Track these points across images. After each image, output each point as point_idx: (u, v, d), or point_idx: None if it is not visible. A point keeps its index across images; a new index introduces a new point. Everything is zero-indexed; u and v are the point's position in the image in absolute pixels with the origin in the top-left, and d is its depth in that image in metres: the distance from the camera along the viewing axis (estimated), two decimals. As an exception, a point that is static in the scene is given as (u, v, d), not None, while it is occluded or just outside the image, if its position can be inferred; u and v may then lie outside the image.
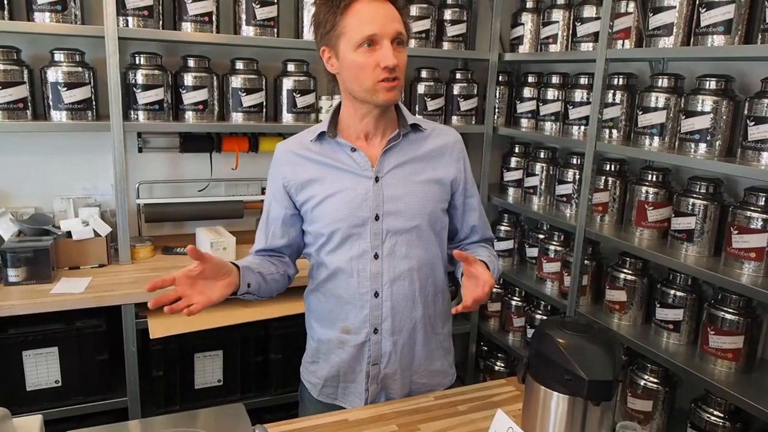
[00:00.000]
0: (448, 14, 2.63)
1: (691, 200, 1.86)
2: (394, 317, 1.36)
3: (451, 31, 2.64)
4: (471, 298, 1.17)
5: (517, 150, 2.75)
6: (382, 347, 1.38)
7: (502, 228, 2.78)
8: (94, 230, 2.15)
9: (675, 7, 1.87)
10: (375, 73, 1.23)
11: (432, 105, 2.66)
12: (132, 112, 2.24)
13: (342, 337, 1.38)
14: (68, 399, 2.00)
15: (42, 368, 1.96)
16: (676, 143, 1.91)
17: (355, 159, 1.34)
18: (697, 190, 1.88)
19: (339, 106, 1.39)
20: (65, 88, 2.10)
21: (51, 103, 2.11)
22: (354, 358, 1.39)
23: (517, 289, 2.70)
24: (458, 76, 2.73)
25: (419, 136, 1.39)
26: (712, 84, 1.82)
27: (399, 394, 1.42)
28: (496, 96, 2.75)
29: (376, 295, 1.35)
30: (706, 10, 1.77)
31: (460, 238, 1.50)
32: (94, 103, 2.18)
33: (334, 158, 1.34)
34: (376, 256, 1.33)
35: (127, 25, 2.14)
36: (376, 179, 1.33)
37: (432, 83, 2.64)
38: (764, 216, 1.67)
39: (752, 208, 1.70)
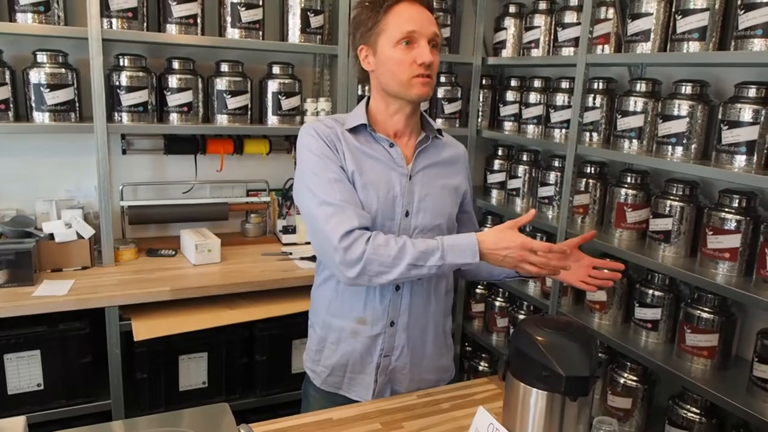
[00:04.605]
0: (432, 18, 2.66)
1: (668, 202, 1.91)
2: (411, 312, 1.40)
3: (435, 35, 2.67)
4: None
5: (500, 152, 2.79)
6: (396, 340, 1.41)
7: (485, 229, 2.80)
8: (77, 232, 2.14)
9: (652, 14, 1.91)
10: (411, 68, 1.30)
11: (416, 108, 2.68)
12: (116, 114, 2.23)
13: (356, 328, 1.40)
14: (51, 402, 1.98)
15: (24, 371, 1.94)
16: (654, 146, 1.96)
17: (392, 154, 1.38)
18: (674, 192, 1.92)
19: (367, 103, 1.42)
20: (48, 90, 2.09)
21: (33, 105, 2.10)
22: (366, 348, 1.41)
23: (500, 289, 2.73)
24: (442, 79, 2.76)
25: (439, 142, 1.47)
26: (687, 89, 1.86)
27: (406, 389, 1.45)
28: (479, 99, 2.78)
29: (398, 288, 1.38)
30: (681, 17, 1.81)
31: None
32: (77, 104, 2.17)
33: (372, 149, 1.37)
34: None
35: (111, 27, 2.13)
36: (410, 177, 1.37)
37: (416, 86, 2.66)
38: (738, 217, 1.72)
39: (726, 209, 1.75)
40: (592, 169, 2.26)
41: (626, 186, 2.08)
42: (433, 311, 1.44)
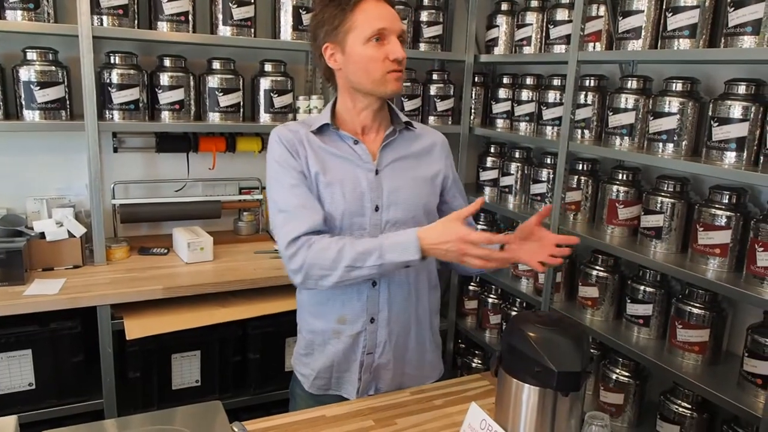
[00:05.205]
0: (424, 16, 2.66)
1: (660, 198, 1.92)
2: (391, 308, 1.40)
3: (428, 32, 2.67)
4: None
5: (492, 150, 2.79)
6: (378, 337, 1.41)
7: (479, 227, 2.82)
8: (69, 231, 2.13)
9: (643, 11, 1.92)
10: (384, 65, 1.30)
11: (409, 105, 2.68)
12: (107, 112, 2.22)
13: (338, 327, 1.40)
14: (42, 402, 1.97)
15: (15, 371, 1.93)
16: (645, 143, 1.97)
17: (357, 151, 1.38)
18: (665, 188, 1.93)
19: (334, 102, 1.42)
20: (38, 88, 2.08)
21: (23, 103, 2.08)
22: (349, 347, 1.41)
23: (493, 286, 2.74)
24: (435, 77, 2.77)
25: (411, 134, 1.46)
26: (678, 86, 1.87)
27: (390, 386, 1.45)
28: (472, 97, 2.79)
29: (374, 284, 1.38)
30: (672, 15, 1.82)
31: None
32: (68, 102, 2.16)
33: (336, 148, 1.38)
34: None
35: (102, 24, 2.12)
36: (376, 172, 1.37)
37: (409, 84, 2.67)
38: (728, 213, 1.73)
39: (717, 205, 1.76)
40: (584, 166, 2.27)
41: (618, 183, 2.09)
42: (414, 307, 1.44)
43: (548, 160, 2.42)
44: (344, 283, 1.29)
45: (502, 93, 2.69)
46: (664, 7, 1.86)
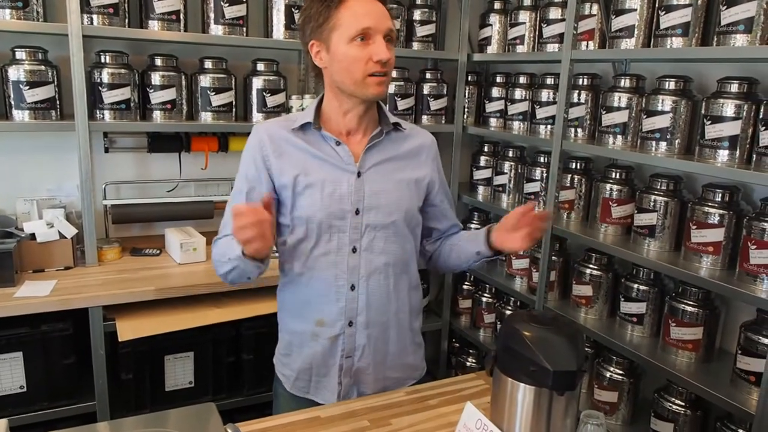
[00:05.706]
0: (417, 14, 2.65)
1: (653, 197, 1.92)
2: (369, 311, 1.38)
3: (421, 31, 2.67)
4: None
5: (486, 149, 2.80)
6: (356, 340, 1.39)
7: (473, 226, 2.82)
8: (59, 232, 2.11)
9: (636, 9, 1.93)
10: (367, 66, 1.27)
11: (402, 104, 2.68)
12: (98, 112, 2.20)
13: (316, 330, 1.39)
14: (34, 404, 1.95)
15: (6, 374, 1.91)
16: (638, 142, 1.97)
17: (339, 152, 1.35)
18: (658, 187, 1.94)
19: (321, 99, 1.40)
20: (27, 87, 2.05)
21: (13, 103, 2.06)
22: (328, 350, 1.40)
23: (487, 285, 2.74)
24: (428, 75, 2.76)
25: (399, 135, 1.43)
26: (671, 84, 1.88)
27: (372, 389, 1.44)
28: (465, 96, 2.78)
29: (353, 288, 1.37)
30: (665, 13, 1.83)
31: (441, 232, 1.56)
32: (58, 102, 2.14)
33: (318, 149, 1.35)
34: (354, 250, 1.35)
35: (92, 23, 2.10)
36: (358, 174, 1.35)
37: (402, 83, 2.66)
38: (721, 212, 1.74)
39: (710, 204, 1.77)
40: (578, 164, 2.28)
41: (611, 181, 2.09)
42: (394, 310, 1.42)
43: (542, 159, 2.42)
44: (232, 274, 1.33)
45: (496, 92, 2.69)
46: (656, 5, 1.87)
